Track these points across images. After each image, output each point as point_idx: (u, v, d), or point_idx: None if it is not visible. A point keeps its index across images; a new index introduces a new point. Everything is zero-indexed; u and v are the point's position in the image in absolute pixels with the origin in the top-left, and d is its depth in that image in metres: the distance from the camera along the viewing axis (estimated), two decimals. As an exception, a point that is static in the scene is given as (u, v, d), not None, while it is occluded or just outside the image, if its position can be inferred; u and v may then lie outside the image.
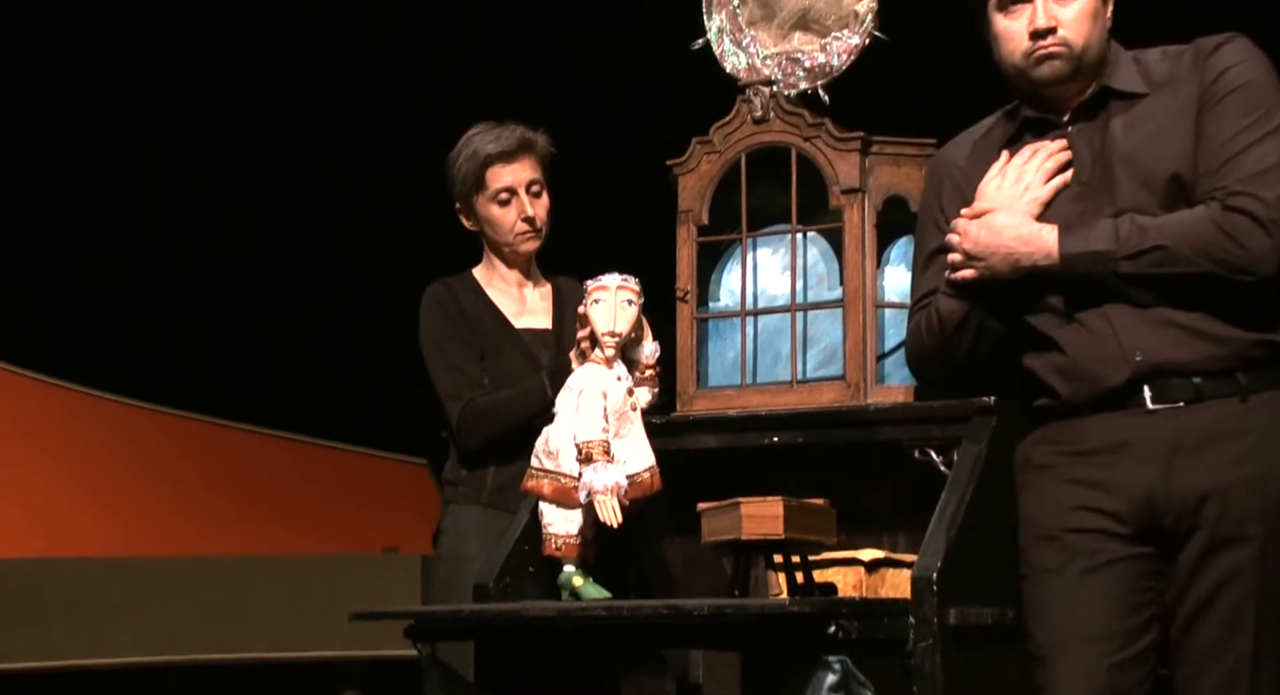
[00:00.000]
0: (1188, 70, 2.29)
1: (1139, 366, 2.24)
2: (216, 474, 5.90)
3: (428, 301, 3.11)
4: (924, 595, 2.29)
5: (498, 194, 3.08)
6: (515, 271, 3.15)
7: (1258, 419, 2.21)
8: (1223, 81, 2.25)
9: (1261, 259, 2.19)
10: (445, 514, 3.09)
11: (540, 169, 3.12)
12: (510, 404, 2.98)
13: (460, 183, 3.10)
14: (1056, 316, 2.31)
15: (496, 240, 3.12)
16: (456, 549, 3.02)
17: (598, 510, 2.53)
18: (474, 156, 3.08)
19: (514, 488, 2.98)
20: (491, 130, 3.11)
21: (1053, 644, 2.24)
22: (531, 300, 3.16)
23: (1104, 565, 2.24)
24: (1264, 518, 2.19)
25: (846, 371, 2.69)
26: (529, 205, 3.09)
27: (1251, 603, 2.18)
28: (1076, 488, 2.27)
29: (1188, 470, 2.21)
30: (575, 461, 2.57)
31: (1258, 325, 2.22)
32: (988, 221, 2.33)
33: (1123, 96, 2.33)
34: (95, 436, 5.83)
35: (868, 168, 2.72)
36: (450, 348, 3.05)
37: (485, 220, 3.11)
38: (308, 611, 5.12)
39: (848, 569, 2.58)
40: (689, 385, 2.82)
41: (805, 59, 2.79)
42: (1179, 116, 2.28)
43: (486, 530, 2.99)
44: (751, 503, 2.42)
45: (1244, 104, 2.23)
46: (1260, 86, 2.25)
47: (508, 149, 3.07)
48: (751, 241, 2.84)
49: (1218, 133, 2.23)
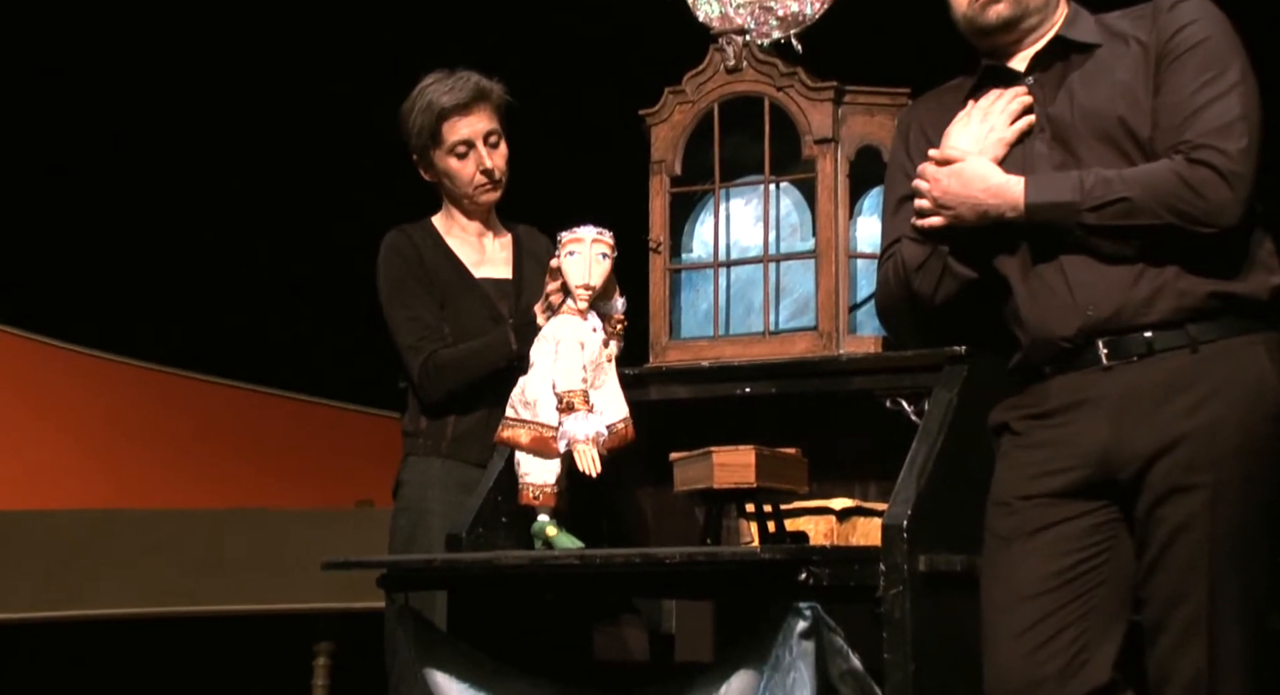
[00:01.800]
0: (1146, 25, 2.32)
1: (1090, 320, 2.26)
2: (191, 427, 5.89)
3: (386, 250, 3.06)
4: (894, 542, 2.31)
5: (455, 147, 3.02)
6: (475, 222, 3.11)
7: (1209, 370, 2.22)
8: (1180, 38, 2.27)
9: (1223, 210, 2.21)
10: (405, 465, 3.06)
11: (497, 118, 3.05)
12: (474, 357, 2.96)
13: (415, 135, 3.03)
14: (1017, 270, 2.33)
15: (455, 192, 3.07)
16: (418, 500, 2.99)
17: (577, 459, 2.54)
18: (428, 109, 3.01)
19: (474, 438, 2.98)
20: (445, 80, 3.03)
21: (992, 604, 2.28)
22: (491, 250, 3.12)
23: (1051, 526, 2.26)
24: (1215, 467, 2.20)
25: (819, 322, 2.70)
26: (487, 157, 3.03)
27: (1205, 550, 2.19)
28: (1036, 452, 2.30)
29: (1140, 424, 2.23)
30: (555, 411, 2.57)
31: (1207, 275, 2.23)
32: (957, 170, 2.34)
33: (1078, 48, 2.35)
34: (71, 390, 5.81)
35: (841, 117, 2.72)
36: (410, 297, 3.00)
37: (443, 173, 3.05)
38: (283, 564, 5.14)
39: (819, 518, 2.60)
40: (662, 336, 2.82)
41: (778, 7, 2.78)
42: (1133, 69, 2.30)
43: (447, 481, 2.97)
44: (723, 452, 2.44)
45: (1203, 60, 2.25)
46: (1218, 42, 2.27)
47: (463, 100, 3.00)
48: (724, 192, 2.83)
49: (1178, 88, 2.25)
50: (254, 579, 5.21)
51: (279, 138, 5.80)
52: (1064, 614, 2.24)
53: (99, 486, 5.67)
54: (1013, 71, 2.39)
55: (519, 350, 2.82)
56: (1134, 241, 2.24)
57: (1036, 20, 2.37)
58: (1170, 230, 2.22)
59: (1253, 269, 2.25)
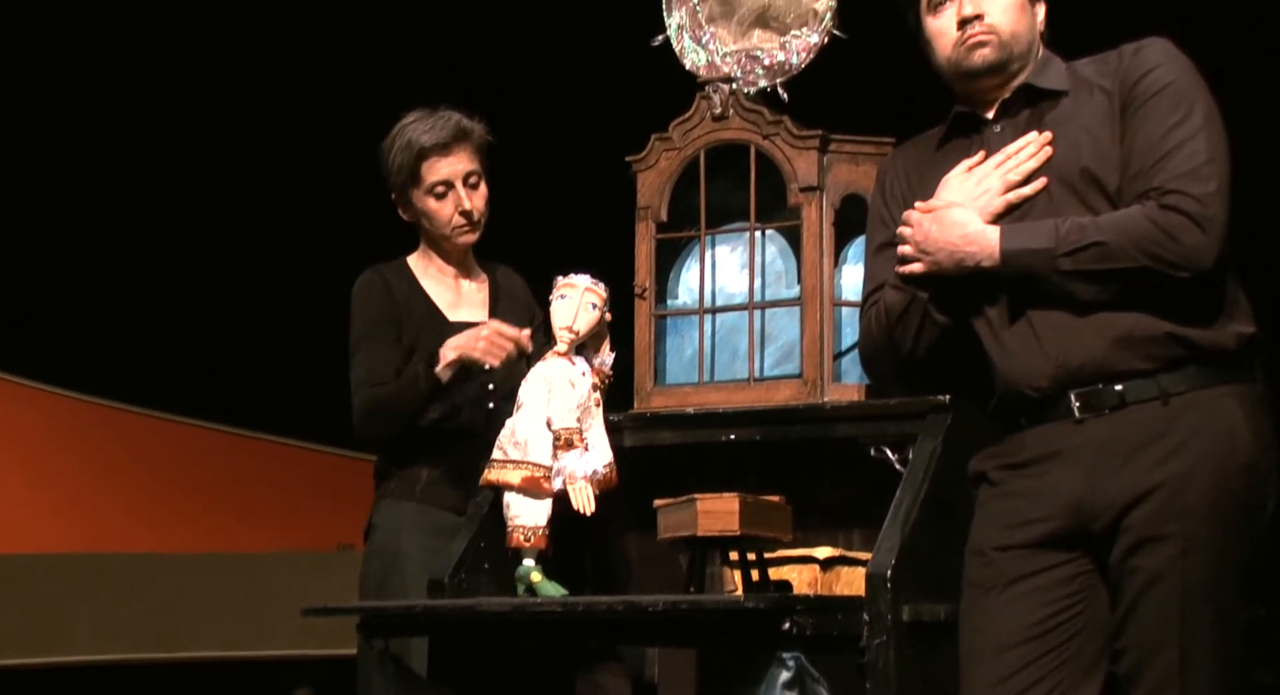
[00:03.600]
0: (1111, 71, 2.33)
1: (1061, 374, 2.26)
2: (169, 469, 5.85)
3: (359, 291, 3.03)
4: (878, 591, 2.30)
5: (434, 187, 2.98)
6: (452, 263, 3.07)
7: (1180, 421, 2.22)
8: (1146, 83, 2.29)
9: (1197, 254, 2.21)
10: (377, 509, 3.02)
11: (478, 159, 3.02)
12: (395, 396, 2.90)
13: (395, 174, 3.00)
14: (992, 321, 2.34)
15: (433, 232, 3.04)
16: (391, 545, 2.95)
17: (572, 497, 2.53)
18: (408, 148, 2.97)
19: (448, 483, 2.96)
20: (426, 119, 2.99)
21: (970, 654, 2.27)
22: (467, 292, 3.09)
23: (1027, 577, 2.26)
24: (1186, 517, 2.19)
25: (803, 369, 2.70)
26: (466, 198, 2.99)
27: (1178, 601, 2.18)
28: (1011, 502, 2.30)
29: (1114, 476, 2.23)
30: (548, 450, 2.56)
31: (1180, 326, 2.24)
32: (940, 216, 2.35)
33: (1046, 95, 2.37)
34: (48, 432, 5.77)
35: (826, 165, 2.73)
36: (368, 339, 2.97)
37: (421, 212, 3.02)
38: (262, 609, 5.10)
39: (803, 566, 2.59)
40: (646, 382, 2.82)
41: (764, 57, 2.80)
42: (1098, 118, 2.31)
43: (420, 525, 2.94)
44: (707, 499, 2.43)
45: (1169, 104, 2.26)
46: (1182, 85, 2.28)
47: (443, 140, 2.97)
48: (710, 238, 2.84)
49: (1146, 133, 2.26)
50: (233, 624, 5.17)
51: (258, 178, 5.81)
52: (1041, 665, 2.23)
53: (73, 530, 5.63)
54: (981, 118, 2.41)
55: (428, 387, 2.82)
56: (1110, 286, 2.24)
57: (1019, 65, 2.39)
58: (1146, 274, 2.22)
59: (1221, 316, 2.26)
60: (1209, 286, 2.24)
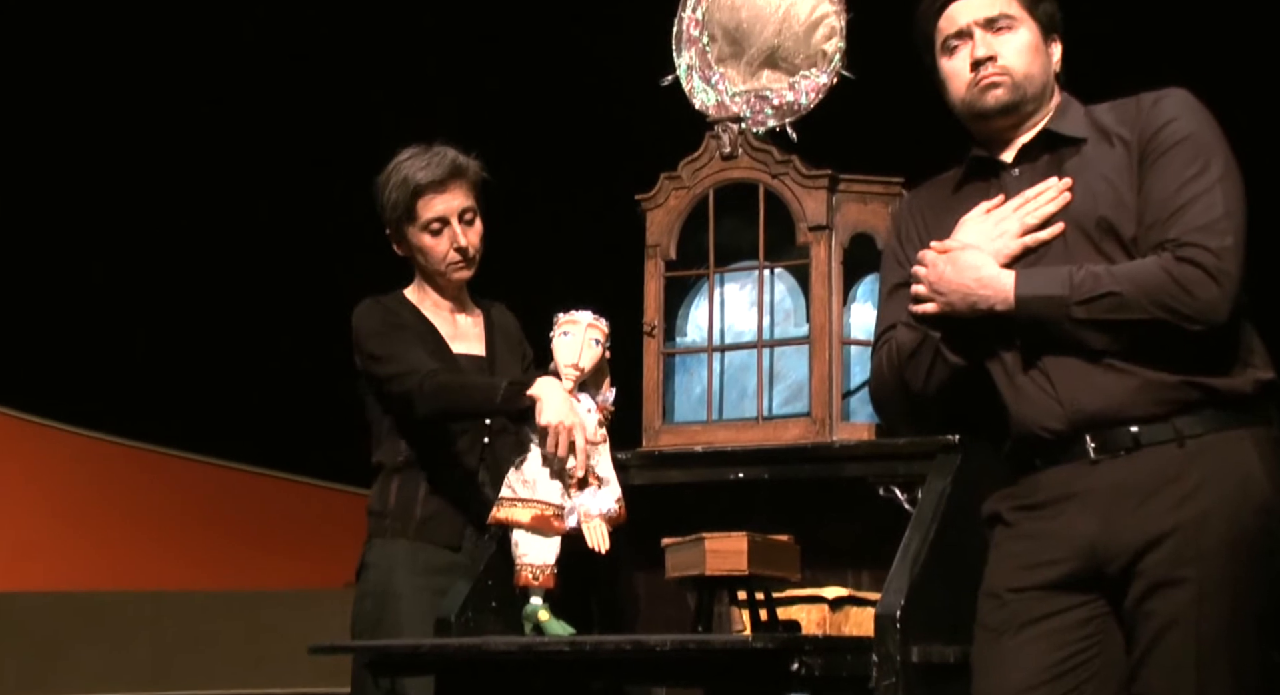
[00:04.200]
0: (1129, 121, 2.34)
1: (1075, 418, 2.26)
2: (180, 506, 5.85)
3: (360, 311, 3.00)
4: (887, 633, 2.28)
5: (429, 224, 2.97)
6: (447, 298, 3.06)
7: (1196, 464, 2.22)
8: (1164, 135, 2.29)
9: (1212, 308, 2.21)
10: (369, 548, 2.98)
11: (473, 195, 3.01)
12: (470, 390, 2.81)
13: (389, 210, 2.99)
14: (1004, 364, 2.33)
15: (428, 268, 3.03)
16: (383, 584, 2.91)
17: (587, 536, 2.52)
18: (403, 184, 2.96)
19: (443, 520, 2.93)
20: (421, 155, 2.99)
21: None
22: (464, 326, 3.08)
23: (1041, 619, 2.24)
24: (1201, 561, 2.18)
25: (812, 408, 2.70)
26: (461, 235, 2.98)
27: (1193, 646, 2.17)
28: (1026, 543, 2.29)
29: (1128, 518, 2.22)
30: (557, 487, 2.55)
31: (1191, 370, 2.23)
32: (955, 257, 2.35)
33: (1065, 141, 2.37)
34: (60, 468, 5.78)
35: (835, 205, 2.74)
36: (396, 337, 2.92)
37: (416, 249, 3.01)
38: (270, 646, 5.08)
39: (811, 606, 2.58)
40: (655, 420, 2.82)
41: (774, 97, 2.81)
42: (1116, 168, 2.31)
43: (414, 564, 2.90)
44: (716, 538, 2.42)
45: (1187, 156, 2.26)
46: (1200, 137, 2.28)
47: (438, 177, 2.96)
48: (719, 277, 2.84)
49: (1162, 186, 2.26)
50: (241, 662, 5.15)
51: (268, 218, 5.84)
52: None
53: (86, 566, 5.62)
54: (999, 163, 2.42)
55: (500, 407, 2.72)
56: (1123, 336, 2.24)
57: (1034, 107, 2.39)
58: (1159, 325, 2.22)
59: (1237, 363, 2.25)
60: (1225, 334, 2.23)
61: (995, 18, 2.38)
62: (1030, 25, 2.39)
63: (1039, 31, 2.40)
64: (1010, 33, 2.38)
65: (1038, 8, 2.41)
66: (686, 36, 2.89)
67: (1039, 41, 2.39)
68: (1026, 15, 2.39)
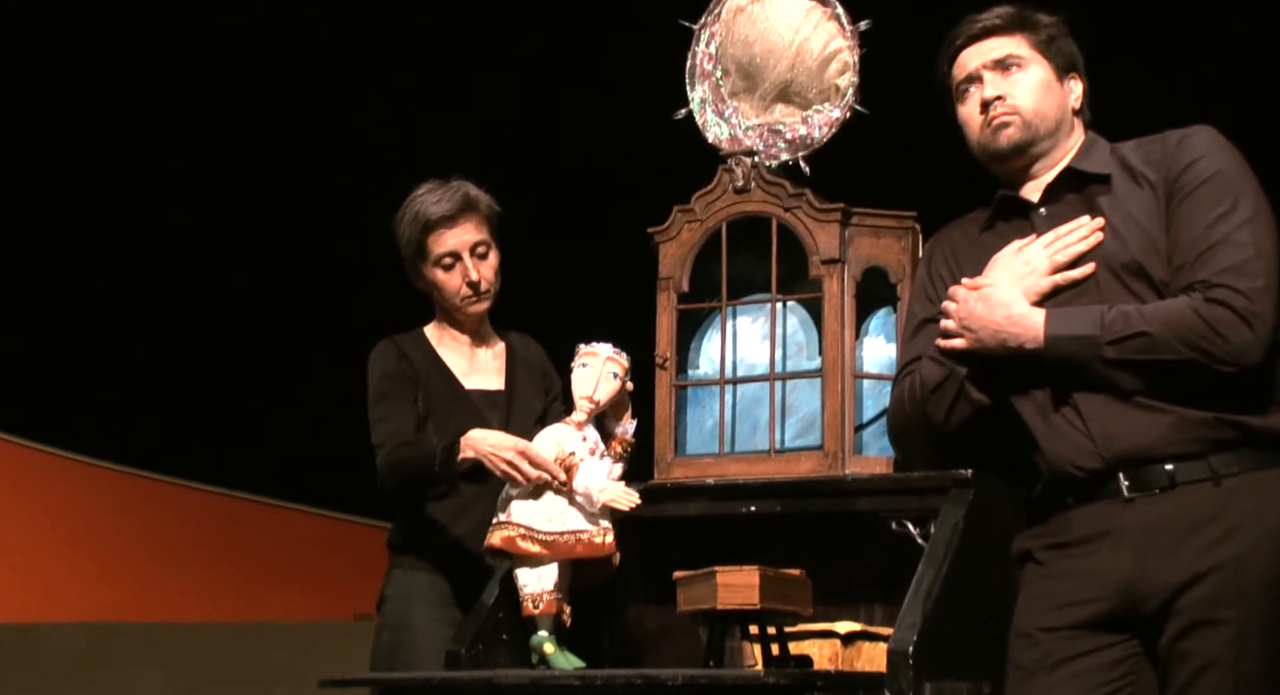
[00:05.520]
0: (1156, 160, 2.33)
1: (1109, 455, 2.24)
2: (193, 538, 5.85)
3: (376, 356, 3.05)
4: (899, 668, 2.27)
5: (441, 259, 3.00)
6: (466, 332, 3.09)
7: (1233, 503, 2.20)
8: (1192, 173, 2.28)
9: (1244, 351, 2.19)
10: (389, 580, 3.01)
11: (486, 229, 3.03)
12: (417, 462, 2.88)
13: (405, 246, 3.03)
14: (1035, 402, 2.32)
15: (444, 303, 3.06)
16: (401, 616, 2.94)
17: (612, 504, 2.52)
18: (415, 220, 3.00)
19: (461, 551, 2.94)
20: (435, 190, 3.02)
21: None
22: (483, 360, 3.10)
23: (1074, 659, 2.23)
24: (1240, 602, 2.17)
25: (825, 441, 2.69)
26: (473, 269, 3.00)
27: (1230, 689, 2.15)
28: (1059, 583, 2.27)
29: (1164, 557, 2.20)
30: (531, 510, 2.56)
31: (1225, 408, 2.22)
32: (985, 294, 2.34)
33: (1091, 179, 2.36)
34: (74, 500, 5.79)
35: (848, 238, 2.74)
36: (387, 399, 2.98)
37: (431, 283, 3.04)
38: (280, 679, 5.06)
39: (823, 641, 2.57)
40: (667, 452, 2.81)
41: (786, 130, 2.82)
42: (1145, 207, 2.30)
43: (431, 597, 2.93)
44: (727, 572, 2.41)
45: (1215, 195, 2.25)
46: (1228, 175, 2.27)
47: (449, 212, 2.99)
48: (731, 310, 2.84)
49: (1192, 224, 2.25)
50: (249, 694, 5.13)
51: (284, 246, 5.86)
52: None
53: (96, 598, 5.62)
54: (1026, 202, 2.41)
55: (446, 470, 2.80)
56: (1154, 376, 2.22)
57: (1048, 145, 2.39)
58: (1190, 365, 2.20)
59: (1273, 402, 2.24)
60: (1259, 373, 2.22)
61: (1003, 58, 2.39)
62: (1041, 63, 2.40)
63: (1052, 70, 2.40)
64: (1020, 71, 2.39)
65: (1050, 47, 2.41)
66: (700, 71, 2.90)
67: (1051, 79, 2.39)
68: (1037, 54, 2.40)
